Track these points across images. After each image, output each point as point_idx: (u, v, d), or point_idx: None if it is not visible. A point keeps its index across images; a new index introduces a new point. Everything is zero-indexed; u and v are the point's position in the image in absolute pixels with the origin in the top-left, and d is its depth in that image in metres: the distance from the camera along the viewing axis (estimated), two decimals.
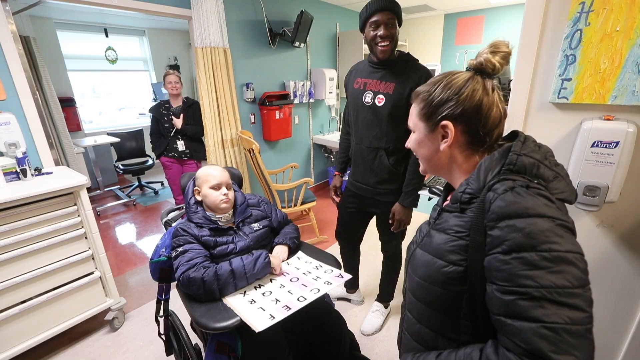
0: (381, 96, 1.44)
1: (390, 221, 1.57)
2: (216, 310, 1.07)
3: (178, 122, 2.67)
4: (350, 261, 1.98)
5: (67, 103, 4.11)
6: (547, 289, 0.45)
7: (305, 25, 3.11)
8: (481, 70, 0.62)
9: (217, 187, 1.32)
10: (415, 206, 1.54)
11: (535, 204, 0.49)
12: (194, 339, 1.58)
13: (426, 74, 1.40)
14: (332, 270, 1.26)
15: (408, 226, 1.62)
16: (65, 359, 1.74)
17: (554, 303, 0.45)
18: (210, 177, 1.33)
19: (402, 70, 1.41)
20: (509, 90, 1.06)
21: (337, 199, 1.85)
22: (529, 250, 0.47)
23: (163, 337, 1.42)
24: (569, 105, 0.98)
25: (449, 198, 0.74)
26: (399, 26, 1.37)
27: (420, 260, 0.65)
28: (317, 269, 1.28)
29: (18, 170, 1.67)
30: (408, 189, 1.49)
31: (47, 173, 1.82)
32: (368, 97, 1.48)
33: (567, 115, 0.99)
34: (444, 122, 0.62)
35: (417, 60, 1.45)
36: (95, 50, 4.58)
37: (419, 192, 1.55)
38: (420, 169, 0.73)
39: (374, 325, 1.89)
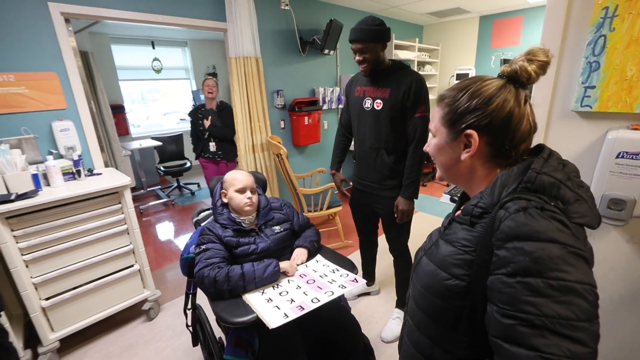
0: (379, 100, 1.62)
1: (395, 215, 1.70)
2: (235, 306, 1.15)
3: (206, 123, 2.85)
4: (367, 254, 2.16)
5: (118, 110, 4.51)
6: (549, 318, 0.43)
7: (335, 33, 3.18)
8: (515, 79, 0.57)
9: (242, 191, 1.41)
10: (416, 197, 1.67)
11: (547, 228, 0.47)
12: (218, 333, 1.68)
13: (417, 78, 1.56)
14: (347, 275, 1.29)
15: (412, 224, 1.79)
16: (107, 342, 1.92)
17: (555, 334, 0.43)
18: (236, 181, 1.42)
19: (395, 76, 1.59)
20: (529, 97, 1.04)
21: (345, 191, 2.07)
22: (534, 276, 0.45)
23: (190, 328, 1.53)
24: (593, 113, 0.94)
25: (462, 207, 0.73)
26: (383, 46, 1.57)
27: (425, 269, 0.64)
28: (334, 272, 1.32)
29: (74, 171, 1.88)
30: (407, 181, 1.63)
31: (97, 174, 2.03)
32: (368, 103, 1.66)
33: (591, 124, 0.95)
34: (469, 131, 0.58)
35: (409, 67, 1.63)
36: (143, 61, 4.99)
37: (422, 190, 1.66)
38: (437, 175, 0.71)
39: (394, 332, 1.88)
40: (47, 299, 1.69)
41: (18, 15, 1.80)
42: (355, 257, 2.49)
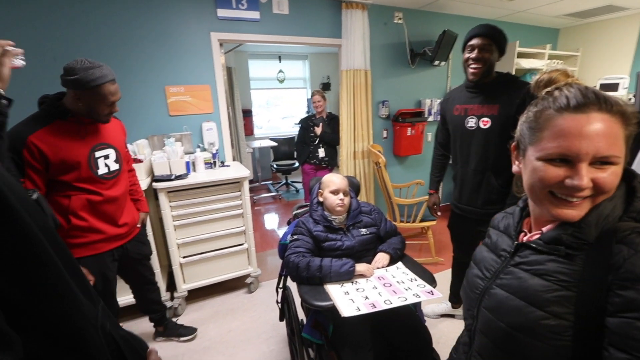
0: (486, 119, 1.49)
1: None
2: (317, 292, 1.31)
3: (318, 130, 3.14)
4: (461, 274, 1.94)
5: (247, 113, 5.37)
6: None
7: (448, 44, 3.09)
8: None
9: (335, 192, 1.57)
10: None
11: None
12: (301, 315, 1.89)
13: (526, 85, 1.37)
14: (424, 286, 1.30)
15: None
16: (217, 302, 2.36)
17: None
18: (332, 183, 1.59)
19: (503, 90, 1.45)
20: None
21: (438, 214, 2.02)
22: None
23: (279, 305, 1.78)
24: None
25: (525, 228, 0.66)
26: (500, 54, 1.47)
27: (507, 304, 0.57)
28: (412, 281, 1.35)
29: (211, 162, 2.40)
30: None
31: (227, 165, 2.52)
32: (471, 122, 1.56)
33: None
34: None
35: (517, 77, 1.48)
36: (270, 72, 5.80)
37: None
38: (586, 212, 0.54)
39: None
40: (184, 257, 2.20)
41: (189, 43, 2.41)
42: (444, 276, 2.38)
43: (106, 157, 1.43)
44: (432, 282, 1.35)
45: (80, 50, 2.10)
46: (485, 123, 1.50)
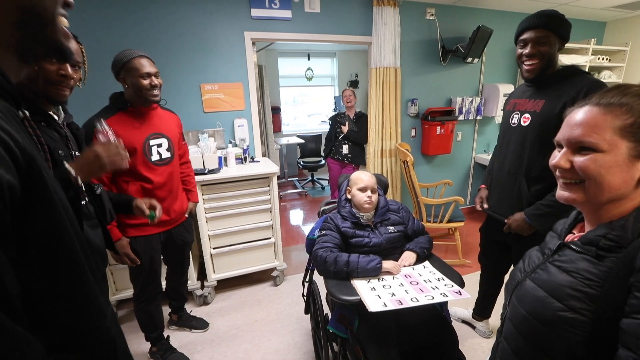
0: (527, 115, 1.35)
1: (504, 228, 1.46)
2: (344, 286, 1.33)
3: (344, 128, 3.15)
4: (486, 288, 1.89)
5: (275, 110, 5.46)
6: None
7: (482, 40, 2.99)
8: None
9: (363, 190, 1.58)
10: (538, 227, 1.33)
11: None
12: (326, 309, 1.92)
13: (589, 86, 1.20)
14: (452, 286, 1.29)
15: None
16: (244, 293, 2.45)
17: None
18: (360, 181, 1.61)
19: (558, 85, 1.28)
20: None
21: (481, 207, 1.67)
22: None
23: (305, 298, 1.82)
24: None
25: (574, 231, 0.68)
26: (563, 38, 1.28)
27: (531, 293, 0.62)
28: (439, 280, 1.34)
29: (242, 157, 2.48)
30: (543, 210, 1.30)
31: (257, 161, 2.59)
32: (515, 118, 1.43)
33: None
34: None
35: (586, 73, 1.29)
36: (299, 70, 5.86)
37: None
38: (572, 197, 0.59)
39: None
40: (214, 248, 2.30)
41: (224, 42, 2.50)
42: (471, 278, 2.33)
43: (159, 145, 1.58)
44: (460, 283, 1.34)
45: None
46: (525, 120, 1.36)
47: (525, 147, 1.37)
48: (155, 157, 1.56)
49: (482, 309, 1.95)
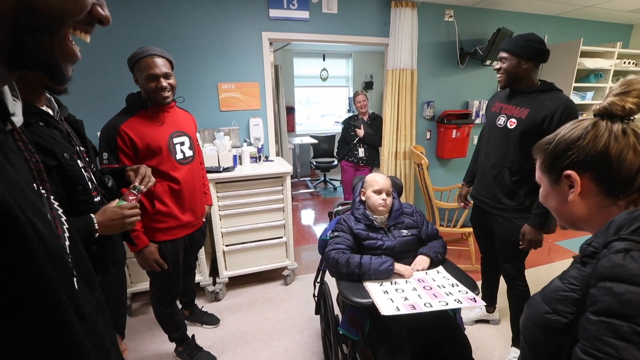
0: (514, 120, 1.60)
1: (520, 242, 1.61)
2: (356, 288, 1.33)
3: (360, 132, 3.13)
4: (487, 273, 2.04)
5: (290, 110, 5.48)
6: None
7: (501, 43, 2.93)
8: (608, 114, 0.59)
9: (378, 192, 1.57)
10: (543, 228, 1.54)
11: None
12: (336, 310, 1.92)
13: (566, 105, 1.45)
14: (467, 292, 1.27)
15: (536, 249, 1.63)
16: (255, 291, 2.47)
17: None
18: (375, 183, 1.60)
19: (540, 98, 1.53)
20: None
21: (463, 205, 2.13)
22: (619, 319, 0.45)
23: (316, 298, 1.82)
24: None
25: None
26: (529, 59, 1.52)
27: (533, 299, 0.66)
28: (453, 286, 1.32)
29: (256, 156, 2.50)
30: (537, 210, 1.53)
31: (271, 160, 2.61)
32: (501, 120, 1.66)
33: None
34: (567, 172, 0.61)
35: (560, 91, 1.54)
36: (314, 70, 5.87)
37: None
38: (558, 224, 0.72)
39: None
40: (227, 245, 2.32)
41: (242, 42, 2.53)
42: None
43: (182, 143, 1.57)
44: (474, 289, 1.31)
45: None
46: (512, 123, 1.61)
47: (509, 146, 1.62)
48: (179, 155, 1.55)
49: (487, 297, 2.05)
